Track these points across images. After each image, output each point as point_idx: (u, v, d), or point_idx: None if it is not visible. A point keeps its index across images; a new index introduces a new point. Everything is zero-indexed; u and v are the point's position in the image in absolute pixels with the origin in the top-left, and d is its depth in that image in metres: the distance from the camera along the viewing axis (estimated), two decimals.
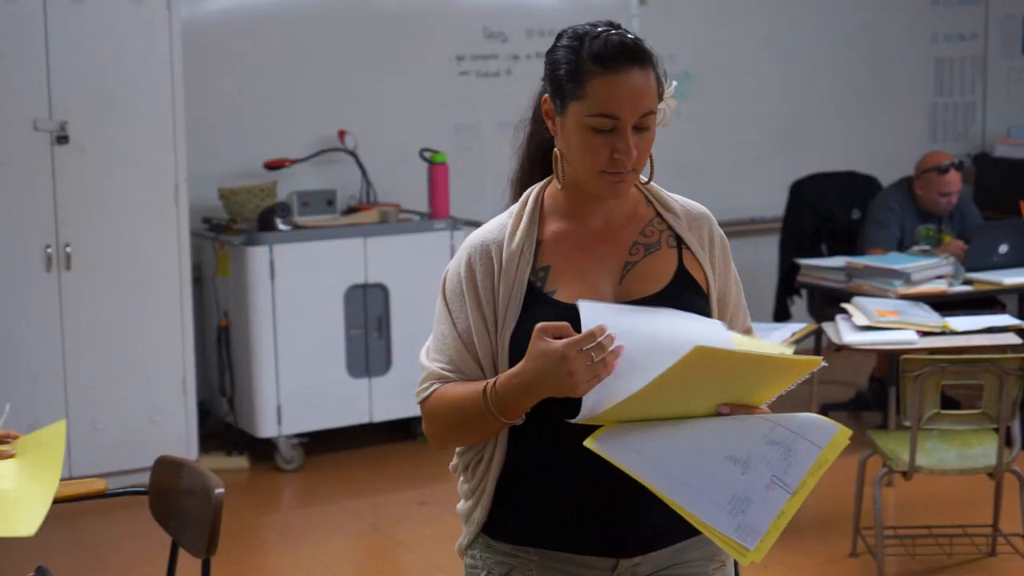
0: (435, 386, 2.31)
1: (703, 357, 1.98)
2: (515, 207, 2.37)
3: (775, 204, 7.69)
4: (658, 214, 2.39)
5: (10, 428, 2.68)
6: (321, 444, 6.48)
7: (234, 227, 6.34)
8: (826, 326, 5.64)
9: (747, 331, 2.44)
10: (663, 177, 2.14)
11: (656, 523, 2.24)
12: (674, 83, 2.32)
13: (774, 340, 5.35)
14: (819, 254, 7.20)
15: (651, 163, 2.32)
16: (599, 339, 2.05)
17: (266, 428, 6.25)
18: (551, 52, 2.30)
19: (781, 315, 7.24)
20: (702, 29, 8.01)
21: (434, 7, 7.13)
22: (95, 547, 5.38)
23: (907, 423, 4.59)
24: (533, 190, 2.38)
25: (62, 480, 2.63)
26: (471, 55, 7.24)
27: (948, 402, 4.94)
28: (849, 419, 6.95)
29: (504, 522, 2.32)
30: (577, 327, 2.11)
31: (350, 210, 6.67)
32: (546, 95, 2.29)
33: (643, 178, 2.33)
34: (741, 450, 2.03)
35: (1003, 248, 6.35)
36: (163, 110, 5.92)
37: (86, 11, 5.73)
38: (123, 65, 5.84)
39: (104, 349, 5.91)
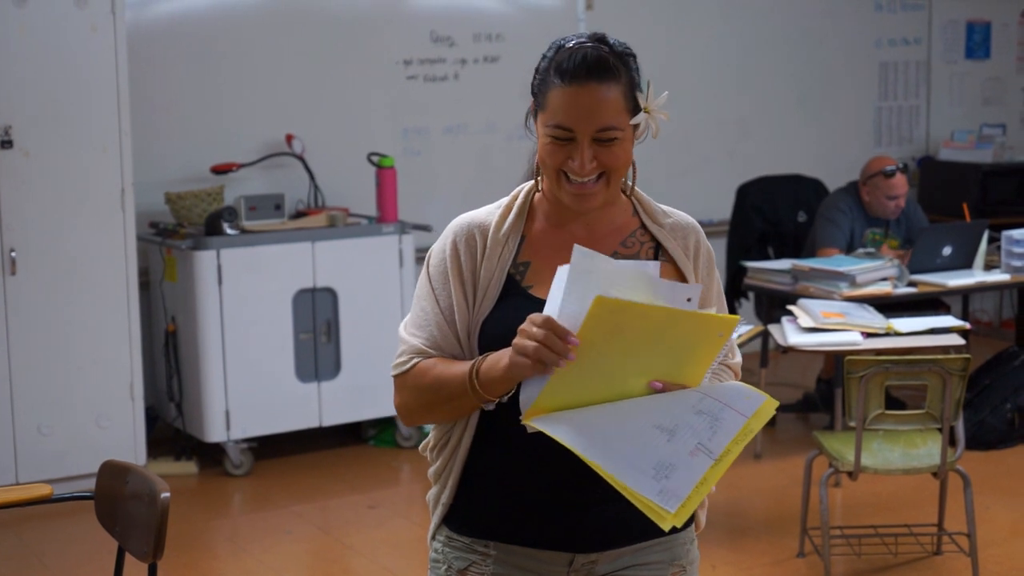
0: (416, 360, 2.32)
1: (606, 308, 2.02)
2: (505, 200, 2.41)
3: (722, 207, 7.73)
4: (643, 225, 2.42)
5: None
6: (270, 449, 6.46)
7: (181, 232, 6.32)
8: (772, 328, 5.69)
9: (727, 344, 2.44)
10: None
11: (614, 521, 2.28)
12: (664, 94, 2.33)
13: None
14: (765, 257, 7.25)
15: (634, 172, 2.39)
16: (554, 330, 2.05)
17: (215, 433, 6.22)
18: (540, 59, 2.36)
19: None
20: (649, 33, 8.04)
21: (381, 11, 7.12)
22: (41, 552, 5.34)
23: (852, 424, 4.63)
24: (524, 187, 2.42)
25: (8, 485, 2.62)
26: (418, 59, 7.24)
27: (893, 403, 4.99)
28: (797, 420, 7.00)
29: (465, 513, 2.35)
30: None
31: (298, 214, 6.65)
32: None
33: (634, 185, 2.41)
34: (669, 419, 2.08)
35: (947, 250, 6.41)
36: (108, 114, 5.89)
37: (29, 15, 5.69)
38: (67, 69, 5.80)
39: (50, 354, 5.87)
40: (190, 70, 6.70)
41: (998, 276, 6.45)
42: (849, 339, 5.36)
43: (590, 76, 2.23)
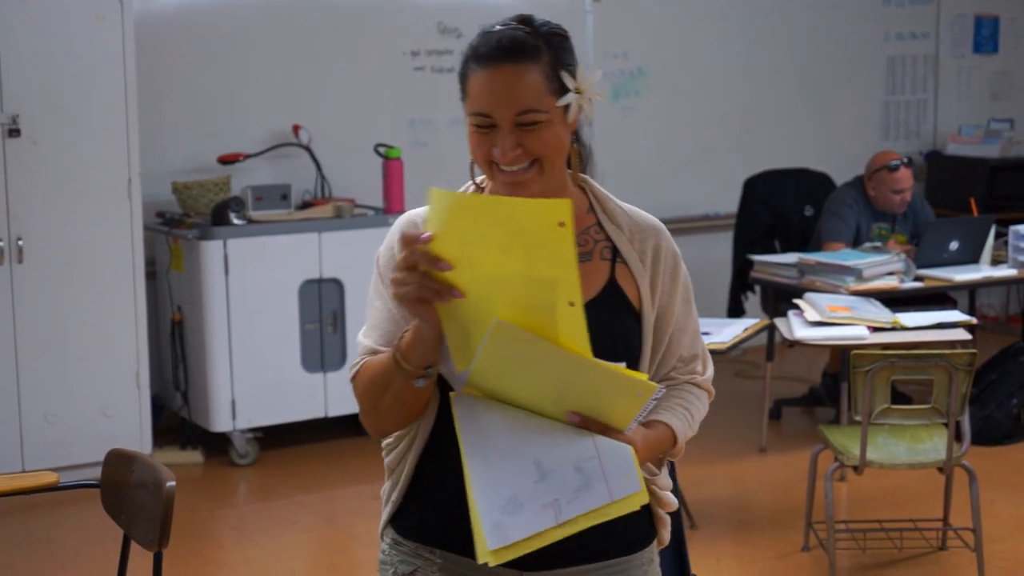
0: (365, 359, 2.23)
1: (507, 334, 1.94)
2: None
3: (729, 201, 7.73)
4: (599, 223, 2.29)
5: None
6: (276, 439, 6.47)
7: (188, 221, 6.32)
8: (778, 322, 5.68)
9: (694, 356, 2.36)
10: (619, 174, 2.15)
11: (564, 541, 2.04)
12: (598, 72, 2.21)
13: (727, 336, 5.39)
14: (772, 250, 7.25)
15: (580, 159, 2.27)
16: (411, 241, 1.97)
17: (220, 422, 6.23)
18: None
19: (735, 311, 7.28)
20: (656, 26, 8.04)
21: (389, 2, 7.12)
22: (47, 540, 5.35)
23: (858, 418, 4.63)
24: (474, 181, 2.33)
25: (14, 473, 2.62)
26: (426, 50, 7.23)
27: (899, 397, 4.99)
28: (802, 414, 7.00)
29: (413, 515, 2.25)
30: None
31: (304, 205, 6.65)
32: None
33: (581, 172, 2.28)
34: (550, 461, 2.00)
35: (954, 245, 6.41)
36: (116, 104, 5.89)
37: (37, 4, 5.69)
38: (75, 58, 5.80)
39: (57, 343, 5.88)
40: (197, 60, 6.70)
41: (1005, 271, 6.45)
42: (855, 333, 5.35)
43: (505, 58, 2.12)
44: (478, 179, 2.31)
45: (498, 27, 2.19)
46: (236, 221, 6.19)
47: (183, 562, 5.05)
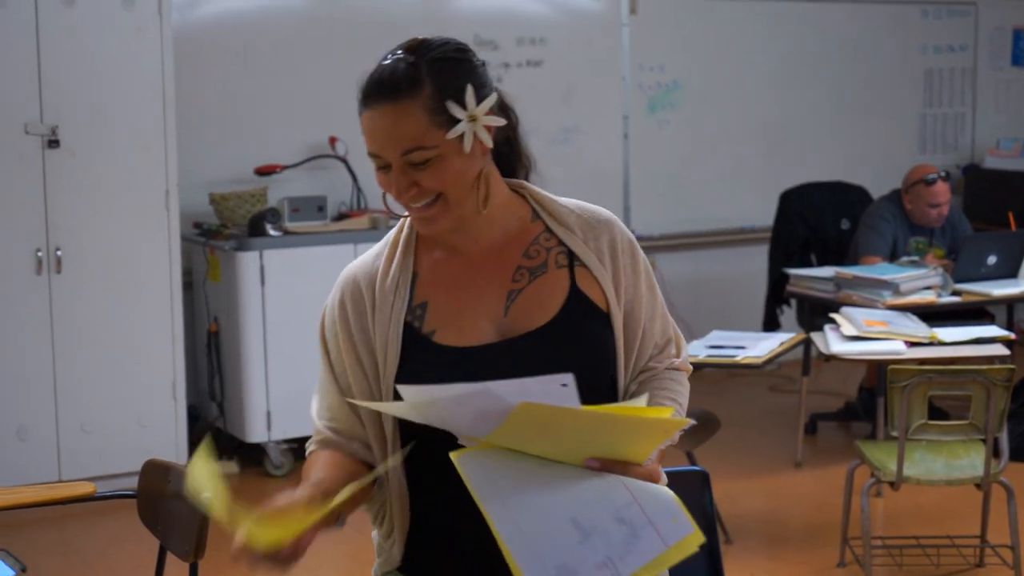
0: (311, 448, 2.20)
1: (532, 413, 1.84)
2: (391, 234, 2.21)
3: (764, 214, 7.70)
4: (548, 228, 2.18)
5: None
6: None
7: (224, 232, 6.34)
8: (815, 336, 5.66)
9: (667, 340, 2.26)
10: (654, 186, 2.11)
11: None
12: (492, 96, 2.08)
13: (762, 350, 5.37)
14: (808, 264, 7.22)
15: (486, 185, 2.09)
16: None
17: (256, 433, 6.25)
18: None
19: (770, 325, 7.25)
20: (692, 39, 8.03)
21: (425, 15, 7.14)
22: (83, 550, 5.38)
23: (895, 433, 4.60)
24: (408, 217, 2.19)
25: (51, 483, 2.64)
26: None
27: (936, 412, 4.95)
28: (838, 429, 6.97)
29: (419, 561, 2.19)
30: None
31: (340, 216, 6.67)
32: None
33: (487, 201, 2.12)
34: (588, 517, 1.88)
35: (991, 259, 6.37)
36: (154, 115, 5.92)
37: (78, 16, 5.73)
38: (114, 70, 5.84)
39: (94, 353, 5.91)
40: (235, 72, 6.73)
41: None
42: (892, 348, 5.32)
43: (381, 97, 2.02)
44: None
45: (386, 59, 2.08)
46: (272, 232, 6.21)
47: (218, 573, 5.05)
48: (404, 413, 1.97)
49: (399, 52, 2.07)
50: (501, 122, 2.08)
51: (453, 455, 1.91)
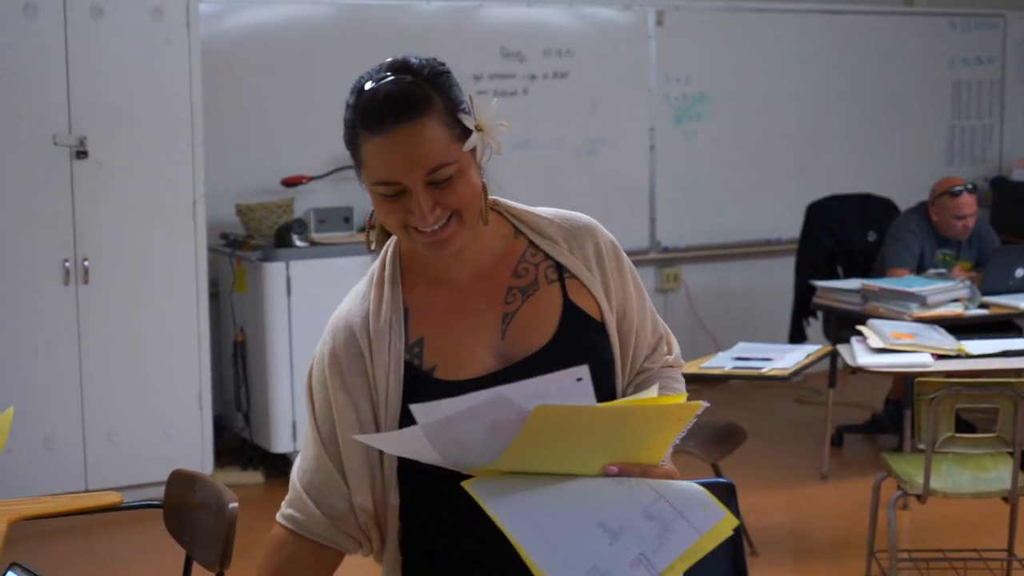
0: (277, 524, 2.12)
1: (550, 415, 1.81)
2: (374, 269, 2.11)
3: (791, 226, 7.69)
4: (531, 243, 2.12)
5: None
6: None
7: (251, 243, 6.37)
8: (841, 348, 5.64)
9: (659, 339, 2.24)
10: (680, 198, 2.12)
11: None
12: (494, 102, 2.05)
13: (789, 362, 5.36)
14: (835, 276, 7.20)
15: (485, 195, 2.04)
16: None
17: (281, 443, 6.26)
18: (345, 108, 2.04)
19: (796, 337, 7.24)
20: (719, 50, 8.03)
21: (452, 26, 7.15)
22: (109, 560, 5.39)
23: (922, 446, 4.58)
24: (389, 248, 2.11)
25: (78, 492, 2.65)
26: (488, 74, 7.25)
27: (963, 425, 4.93)
28: (865, 441, 6.94)
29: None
30: None
31: (366, 227, 6.67)
32: None
33: (487, 209, 2.07)
34: (615, 519, 1.85)
35: (1019, 272, 6.34)
36: (181, 126, 5.95)
37: (106, 28, 5.77)
38: (142, 81, 5.87)
39: (121, 363, 5.93)
40: (262, 83, 6.76)
41: None
42: (919, 360, 5.30)
43: (399, 118, 1.91)
44: (388, 248, 2.13)
45: (373, 83, 1.96)
46: (299, 243, 6.23)
47: None
48: (414, 451, 1.92)
49: (388, 74, 1.96)
50: (506, 126, 2.03)
51: (466, 484, 1.87)
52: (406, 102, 1.92)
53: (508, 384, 1.80)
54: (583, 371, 1.84)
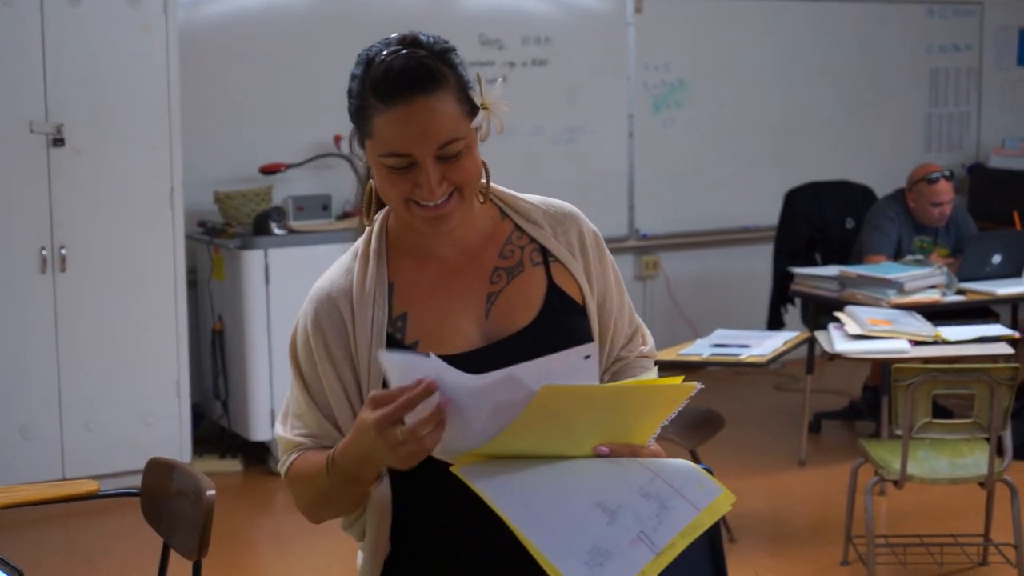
0: (292, 456, 2.08)
1: (554, 396, 1.81)
2: (359, 244, 2.14)
3: (769, 213, 7.70)
4: (517, 227, 2.15)
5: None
6: None
7: (229, 231, 6.35)
8: (819, 335, 5.66)
9: (635, 329, 2.27)
10: (659, 186, 2.12)
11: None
12: (498, 82, 2.09)
13: (766, 348, 5.37)
14: (813, 263, 7.22)
15: (486, 173, 2.09)
16: (410, 405, 1.80)
17: (260, 431, 6.25)
18: (350, 79, 2.04)
19: (775, 323, 7.26)
20: (698, 38, 8.03)
21: (430, 13, 7.14)
22: (87, 548, 5.38)
23: (899, 432, 4.60)
24: (375, 222, 2.14)
25: (55, 481, 2.65)
26: (467, 62, 7.20)
27: (940, 411, 4.96)
28: (842, 428, 6.97)
29: (409, 566, 2.13)
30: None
31: (345, 215, 6.67)
32: None
33: (489, 186, 2.12)
34: (612, 498, 1.85)
35: (996, 258, 6.36)
36: (159, 114, 5.93)
37: (83, 15, 5.74)
38: (119, 69, 5.85)
39: (98, 351, 5.91)
40: (240, 70, 6.74)
41: None
42: (896, 347, 5.32)
43: (415, 90, 1.93)
44: (375, 223, 2.15)
45: (386, 53, 1.99)
46: (277, 231, 6.22)
47: (222, 571, 5.07)
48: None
49: (400, 48, 1.99)
50: (508, 107, 2.05)
51: (455, 469, 1.87)
52: (423, 75, 1.94)
53: (518, 365, 1.82)
54: (592, 348, 1.86)
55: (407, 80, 1.94)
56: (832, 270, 6.39)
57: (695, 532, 1.85)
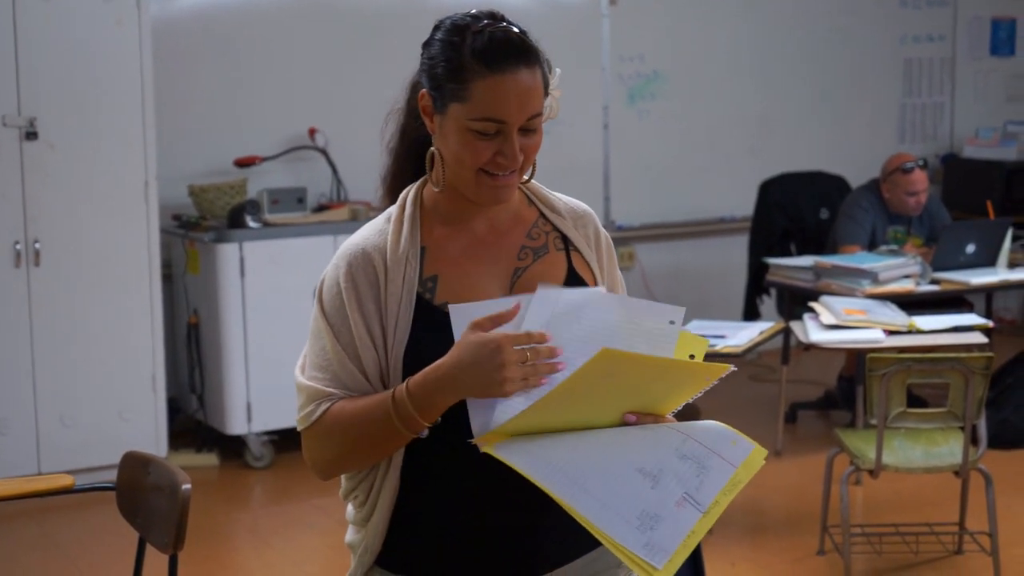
0: (324, 405, 2.08)
1: (610, 360, 1.88)
2: (392, 210, 2.18)
3: (744, 204, 7.72)
4: (542, 215, 2.24)
5: None
6: (291, 441, 6.46)
7: (204, 224, 6.33)
8: (794, 325, 5.68)
9: None
10: (634, 177, 2.14)
11: (562, 538, 2.11)
12: (557, 71, 2.16)
13: (742, 339, 5.39)
14: (788, 253, 7.23)
15: (534, 164, 2.16)
16: (537, 342, 1.93)
17: (236, 425, 6.24)
18: (428, 45, 2.17)
19: (750, 314, 7.28)
20: (672, 29, 8.04)
21: (404, 4, 7.12)
22: (63, 543, 5.37)
23: (874, 421, 4.62)
24: (410, 191, 2.19)
25: (30, 476, 2.63)
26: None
27: (915, 401, 4.97)
28: (818, 418, 6.99)
29: (402, 552, 2.17)
30: None
31: (320, 208, 6.66)
32: (424, 91, 2.14)
33: (524, 177, 2.16)
34: (651, 463, 1.91)
35: (970, 248, 6.39)
36: (133, 107, 5.90)
37: (56, 8, 5.71)
38: (93, 62, 5.82)
39: (73, 346, 5.89)
40: (214, 64, 6.71)
41: (1022, 274, 6.43)
42: (871, 336, 5.34)
43: (518, 60, 2.03)
44: (411, 191, 2.20)
45: (487, 25, 2.09)
46: (252, 224, 6.20)
47: (198, 565, 5.06)
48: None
49: (500, 22, 2.09)
50: (559, 93, 2.17)
51: (487, 449, 1.92)
52: (527, 49, 2.06)
53: (609, 293, 1.99)
54: (679, 315, 2.03)
55: (515, 51, 2.04)
56: (807, 260, 6.40)
57: (735, 489, 1.94)
